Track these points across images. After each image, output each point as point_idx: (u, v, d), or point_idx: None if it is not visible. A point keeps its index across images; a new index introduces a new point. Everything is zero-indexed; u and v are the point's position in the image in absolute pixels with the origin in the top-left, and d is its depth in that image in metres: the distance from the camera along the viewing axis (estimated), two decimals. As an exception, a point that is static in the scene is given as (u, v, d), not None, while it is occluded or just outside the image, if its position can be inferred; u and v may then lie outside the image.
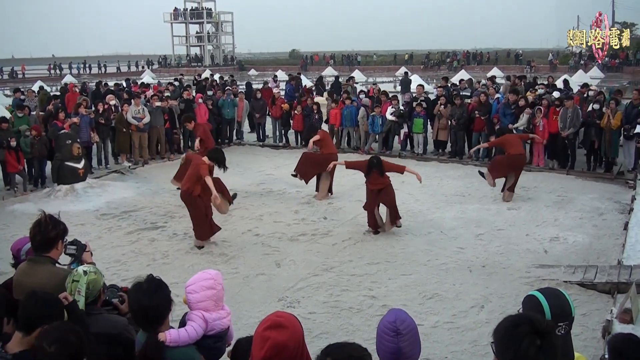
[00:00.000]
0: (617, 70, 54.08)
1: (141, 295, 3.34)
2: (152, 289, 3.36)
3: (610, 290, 7.61)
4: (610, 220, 10.89)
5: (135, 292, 3.37)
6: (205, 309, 3.70)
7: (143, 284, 3.38)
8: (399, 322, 2.94)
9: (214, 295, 3.73)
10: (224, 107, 18.57)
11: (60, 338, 2.87)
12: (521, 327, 2.32)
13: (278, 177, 14.61)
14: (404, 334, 2.91)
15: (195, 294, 3.69)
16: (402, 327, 2.92)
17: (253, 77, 47.92)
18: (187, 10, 76.82)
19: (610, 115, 13.91)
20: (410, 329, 2.95)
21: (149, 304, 3.33)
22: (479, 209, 11.70)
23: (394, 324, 2.93)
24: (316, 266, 8.81)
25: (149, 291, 3.34)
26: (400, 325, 2.92)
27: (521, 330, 2.31)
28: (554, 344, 2.32)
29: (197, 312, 3.68)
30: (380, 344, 2.99)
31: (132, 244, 9.99)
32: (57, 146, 12.99)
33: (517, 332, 2.31)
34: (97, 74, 65.85)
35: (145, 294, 3.33)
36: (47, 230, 3.98)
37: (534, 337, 2.28)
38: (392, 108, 16.72)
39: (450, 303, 7.53)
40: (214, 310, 3.75)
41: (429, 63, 67.13)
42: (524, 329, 2.31)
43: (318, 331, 6.79)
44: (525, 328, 2.31)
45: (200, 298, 3.69)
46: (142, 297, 3.33)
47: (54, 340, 2.86)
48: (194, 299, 3.69)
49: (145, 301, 3.32)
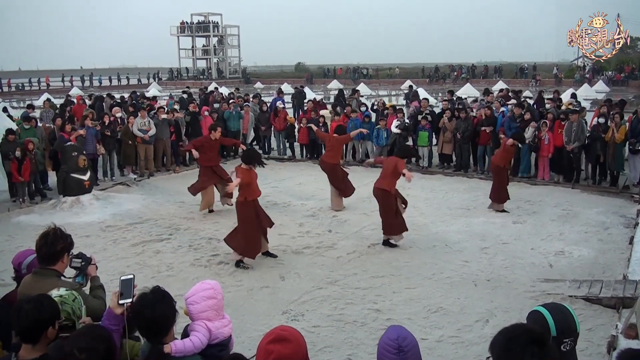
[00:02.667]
0: (622, 84, 54.03)
1: (146, 306, 3.33)
2: (157, 300, 3.36)
3: (615, 305, 7.57)
4: (616, 235, 10.85)
5: (140, 302, 3.36)
6: (207, 318, 3.73)
7: (148, 295, 3.38)
8: (401, 339, 2.92)
9: (215, 305, 3.77)
10: (230, 119, 18.61)
11: (90, 346, 2.90)
12: (520, 339, 2.32)
13: (283, 190, 14.62)
14: (406, 351, 2.90)
15: (197, 304, 3.72)
16: (404, 345, 2.90)
17: (259, 90, 48.09)
18: (193, 24, 77.26)
19: (614, 129, 13.90)
20: (413, 345, 2.93)
21: (154, 315, 3.32)
22: (484, 222, 11.67)
23: (396, 342, 2.91)
24: (320, 279, 8.80)
25: (154, 302, 3.34)
26: (402, 343, 2.91)
27: (519, 342, 2.31)
28: (552, 353, 2.33)
29: (200, 322, 3.70)
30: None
31: (137, 255, 10.00)
32: (63, 158, 13.05)
33: (516, 346, 2.31)
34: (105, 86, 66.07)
35: (150, 305, 3.33)
36: (54, 243, 3.99)
37: (533, 346, 2.29)
38: (397, 121, 16.74)
39: (454, 317, 7.50)
40: (216, 319, 3.78)
41: (434, 77, 67.18)
42: (523, 339, 2.31)
43: (322, 345, 6.77)
44: (524, 339, 2.31)
45: (202, 308, 3.72)
46: (147, 308, 3.32)
47: (84, 348, 2.87)
48: (196, 309, 3.72)
49: (150, 312, 3.32)
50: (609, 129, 14.04)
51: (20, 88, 62.97)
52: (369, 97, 41.50)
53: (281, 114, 18.95)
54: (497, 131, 15.48)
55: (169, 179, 16.22)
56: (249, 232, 9.37)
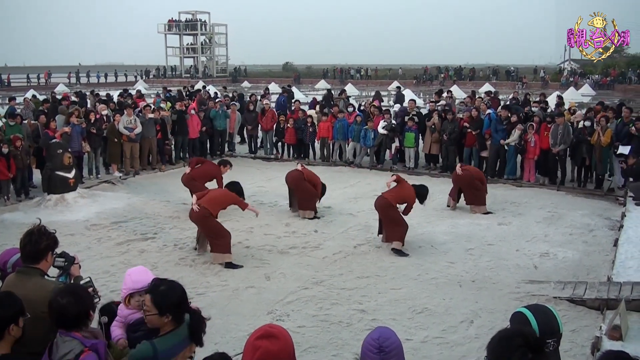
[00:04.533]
0: (608, 87, 54.49)
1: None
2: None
3: (599, 307, 7.62)
4: (600, 237, 10.93)
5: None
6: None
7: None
8: (382, 339, 2.89)
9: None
10: (216, 118, 18.53)
11: (71, 294, 3.36)
12: (514, 340, 2.33)
13: (269, 190, 14.59)
14: (387, 351, 2.87)
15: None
16: (385, 345, 2.88)
17: (246, 89, 47.99)
18: (181, 22, 76.94)
19: (600, 132, 13.99)
20: (395, 347, 2.90)
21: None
22: (469, 223, 11.71)
23: (377, 341, 2.89)
24: (306, 279, 8.78)
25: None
26: (383, 343, 2.88)
27: (514, 343, 2.32)
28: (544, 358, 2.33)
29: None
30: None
31: (121, 255, 9.93)
32: (48, 155, 12.94)
33: (510, 345, 2.32)
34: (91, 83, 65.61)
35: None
36: (38, 241, 3.96)
37: (526, 350, 2.29)
38: (384, 122, 16.76)
39: (439, 318, 7.52)
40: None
41: (421, 78, 67.31)
42: (517, 341, 2.32)
43: (307, 345, 6.75)
44: (519, 341, 2.32)
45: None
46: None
47: (66, 295, 3.34)
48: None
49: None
50: (595, 132, 14.14)
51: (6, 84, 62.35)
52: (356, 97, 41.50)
53: (268, 114, 18.90)
54: (483, 133, 15.55)
55: (155, 178, 16.13)
56: (225, 231, 9.51)
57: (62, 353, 3.24)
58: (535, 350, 2.31)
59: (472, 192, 12.52)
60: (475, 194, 12.50)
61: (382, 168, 16.97)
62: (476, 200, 12.48)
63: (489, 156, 15.61)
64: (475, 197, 12.49)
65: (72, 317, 3.31)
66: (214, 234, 9.46)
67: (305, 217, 11.99)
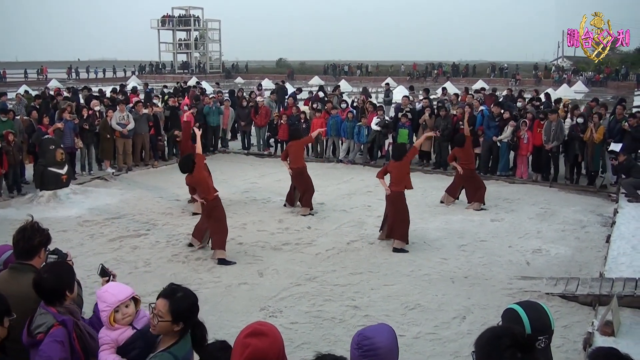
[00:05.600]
0: (601, 84, 54.65)
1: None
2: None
3: (591, 303, 7.65)
4: (593, 233, 10.97)
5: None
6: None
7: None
8: (361, 337, 2.86)
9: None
10: (210, 114, 18.50)
11: (54, 270, 3.65)
12: (503, 340, 2.32)
13: (262, 186, 14.58)
14: (364, 350, 2.82)
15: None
16: (364, 343, 2.82)
17: (239, 85, 47.90)
18: (174, 17, 76.67)
19: (593, 129, 14.04)
20: (373, 348, 2.82)
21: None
22: (462, 219, 11.74)
23: (358, 337, 2.87)
24: (299, 276, 8.78)
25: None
26: (362, 341, 2.84)
27: (503, 343, 2.31)
28: (534, 358, 2.33)
29: None
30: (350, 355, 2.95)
31: (114, 251, 9.90)
32: (40, 151, 12.88)
33: (499, 345, 2.31)
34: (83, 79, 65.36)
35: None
36: (32, 237, 3.95)
37: (515, 350, 2.29)
38: (377, 118, 16.76)
39: (432, 314, 7.53)
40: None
41: (415, 74, 67.27)
42: (506, 342, 2.31)
43: (300, 341, 6.75)
44: (507, 341, 2.31)
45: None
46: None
47: (48, 271, 3.61)
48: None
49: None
50: (588, 129, 14.18)
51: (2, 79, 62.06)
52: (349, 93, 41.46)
53: (262, 110, 18.86)
54: (476, 130, 15.57)
55: (147, 174, 16.09)
56: (226, 228, 9.57)
57: (37, 324, 3.49)
58: (524, 349, 2.31)
59: (475, 190, 12.56)
60: (477, 192, 12.53)
61: (375, 165, 16.97)
62: (478, 197, 12.51)
63: (482, 153, 15.64)
64: (477, 195, 12.53)
65: (47, 292, 3.56)
66: (216, 228, 9.49)
67: (303, 213, 11.99)
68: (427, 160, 17.02)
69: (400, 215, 10.05)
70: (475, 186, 12.60)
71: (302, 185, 12.20)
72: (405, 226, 10.05)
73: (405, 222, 10.06)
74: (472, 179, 12.64)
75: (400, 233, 10.01)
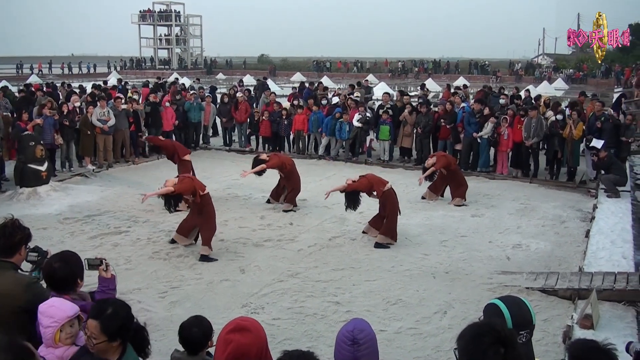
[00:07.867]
0: (581, 82, 55.14)
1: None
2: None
3: (571, 297, 7.74)
4: (572, 228, 11.09)
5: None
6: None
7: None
8: (356, 331, 2.89)
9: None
10: (191, 110, 18.40)
11: (63, 259, 3.80)
12: (486, 337, 2.33)
13: (244, 182, 14.50)
14: (361, 343, 2.87)
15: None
16: (360, 337, 2.88)
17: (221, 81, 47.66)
18: (155, 12, 76.04)
19: (572, 125, 14.18)
20: (369, 339, 2.90)
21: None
22: (443, 215, 11.80)
23: (351, 333, 2.89)
24: (281, 272, 8.78)
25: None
26: (358, 335, 2.88)
27: (485, 340, 2.32)
28: (517, 353, 2.35)
29: None
30: (337, 353, 2.95)
31: (95, 248, 9.81)
32: (20, 148, 12.74)
33: (482, 342, 2.32)
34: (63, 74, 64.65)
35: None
36: (12, 234, 3.95)
37: (498, 346, 2.30)
38: (359, 115, 16.77)
39: (413, 309, 7.57)
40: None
41: (397, 71, 67.35)
42: (489, 339, 2.32)
43: (282, 337, 6.76)
44: (490, 338, 2.32)
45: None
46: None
47: (58, 260, 3.77)
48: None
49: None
50: (567, 125, 14.32)
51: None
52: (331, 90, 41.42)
53: (242, 106, 18.79)
54: (456, 126, 15.66)
55: (128, 171, 15.98)
56: (214, 225, 9.65)
57: None
58: (507, 344, 2.33)
59: (457, 186, 12.72)
60: (459, 188, 12.68)
61: (357, 161, 17.00)
62: (459, 193, 12.66)
63: (462, 149, 15.73)
64: (459, 191, 12.70)
65: (60, 281, 3.71)
66: (207, 225, 9.51)
67: (285, 209, 11.98)
68: (409, 156, 17.07)
69: (393, 213, 10.11)
70: (458, 182, 12.70)
71: (291, 185, 12.23)
72: (394, 223, 10.09)
73: (394, 220, 10.09)
74: (456, 175, 12.75)
75: (390, 229, 10.05)
